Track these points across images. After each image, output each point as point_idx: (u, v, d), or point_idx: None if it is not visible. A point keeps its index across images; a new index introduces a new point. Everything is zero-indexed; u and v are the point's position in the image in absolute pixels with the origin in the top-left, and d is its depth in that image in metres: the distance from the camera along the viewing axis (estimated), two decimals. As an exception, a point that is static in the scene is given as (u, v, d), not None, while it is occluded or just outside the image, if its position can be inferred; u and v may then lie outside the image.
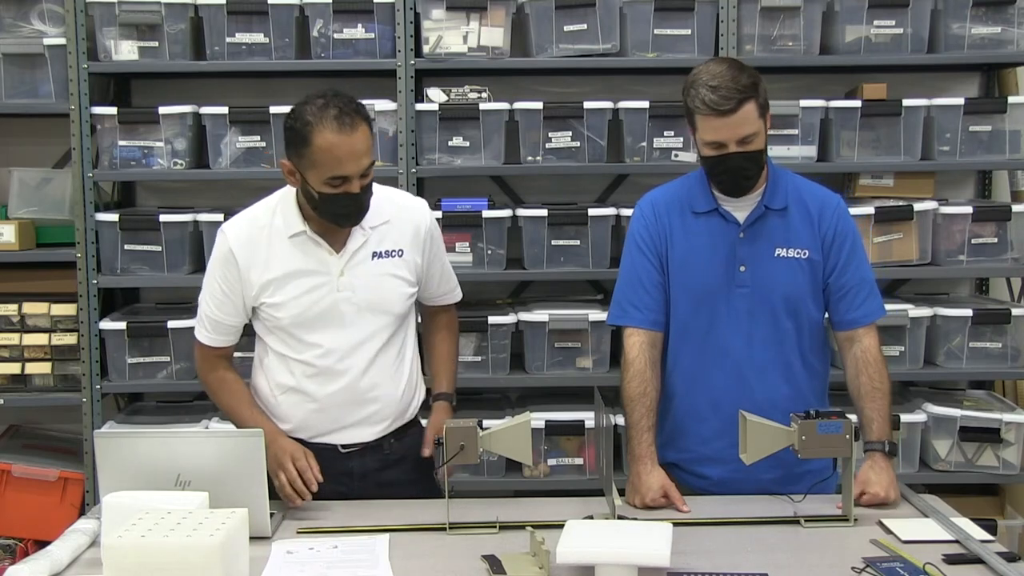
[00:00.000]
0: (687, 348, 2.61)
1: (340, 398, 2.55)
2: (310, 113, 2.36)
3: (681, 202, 2.62)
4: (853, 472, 2.36)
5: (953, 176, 4.16)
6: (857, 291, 2.58)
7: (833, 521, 2.36)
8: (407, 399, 2.64)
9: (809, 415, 2.33)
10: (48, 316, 3.86)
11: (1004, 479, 3.78)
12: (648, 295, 2.62)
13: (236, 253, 2.51)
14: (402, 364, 2.62)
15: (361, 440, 2.58)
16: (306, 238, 2.50)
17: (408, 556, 2.19)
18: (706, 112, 2.42)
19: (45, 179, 3.99)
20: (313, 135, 2.34)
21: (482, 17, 3.75)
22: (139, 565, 1.87)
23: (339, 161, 2.35)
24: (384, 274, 2.54)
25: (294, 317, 2.51)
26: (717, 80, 2.41)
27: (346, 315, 2.52)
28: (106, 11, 3.72)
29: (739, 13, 3.74)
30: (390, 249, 2.55)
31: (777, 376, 2.57)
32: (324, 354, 2.52)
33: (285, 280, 2.50)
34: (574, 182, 4.15)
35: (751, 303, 2.56)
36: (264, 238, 2.51)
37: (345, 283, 2.51)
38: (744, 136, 2.44)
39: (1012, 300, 4.17)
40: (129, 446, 2.27)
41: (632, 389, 2.58)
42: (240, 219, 2.57)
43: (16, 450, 3.97)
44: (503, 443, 2.38)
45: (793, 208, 2.58)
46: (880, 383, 2.55)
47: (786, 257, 2.56)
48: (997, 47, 3.80)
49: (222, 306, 2.55)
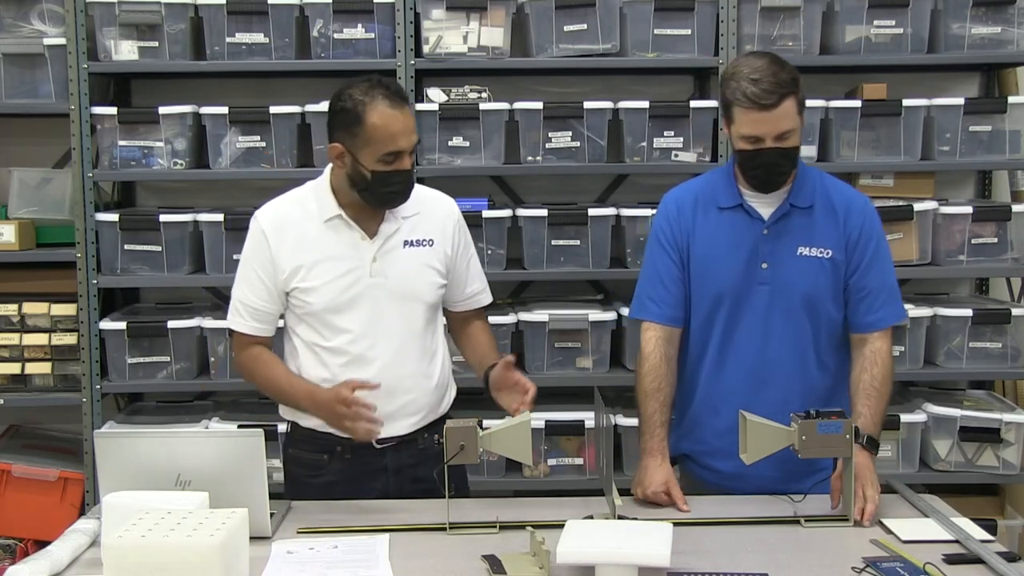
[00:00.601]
0: (707, 342, 2.62)
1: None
2: (360, 93, 2.43)
3: (706, 198, 2.63)
4: (852, 473, 2.36)
5: (953, 176, 4.16)
6: (877, 295, 2.57)
7: (833, 521, 2.36)
8: (440, 392, 2.65)
9: (809, 415, 2.33)
10: (48, 316, 3.86)
11: (1004, 479, 3.78)
12: (666, 290, 2.63)
13: (268, 236, 2.53)
14: (434, 356, 2.63)
15: (395, 434, 2.57)
16: (341, 222, 2.53)
17: (408, 556, 2.19)
18: (746, 105, 2.42)
19: (45, 179, 3.99)
20: (367, 113, 2.41)
21: (482, 17, 3.75)
22: (139, 565, 1.87)
23: (394, 136, 2.41)
24: (415, 262, 2.57)
25: (327, 302, 2.52)
26: (759, 74, 2.40)
27: (378, 301, 2.53)
28: (106, 11, 3.72)
29: (739, 13, 3.74)
30: (421, 238, 2.58)
31: (792, 375, 2.57)
32: (354, 340, 2.53)
33: (317, 264, 2.52)
34: (574, 182, 4.15)
35: (770, 300, 2.56)
36: (296, 222, 2.54)
37: (378, 269, 2.53)
38: (782, 132, 2.44)
39: (1012, 300, 4.17)
40: (129, 446, 2.27)
41: (647, 384, 2.60)
42: (272, 204, 2.60)
43: (16, 450, 3.97)
44: (503, 443, 2.38)
45: (819, 207, 2.57)
46: (880, 384, 2.54)
47: (809, 256, 2.55)
48: (997, 47, 3.80)
49: (257, 291, 2.56)
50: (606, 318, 3.76)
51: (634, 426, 3.66)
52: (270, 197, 2.65)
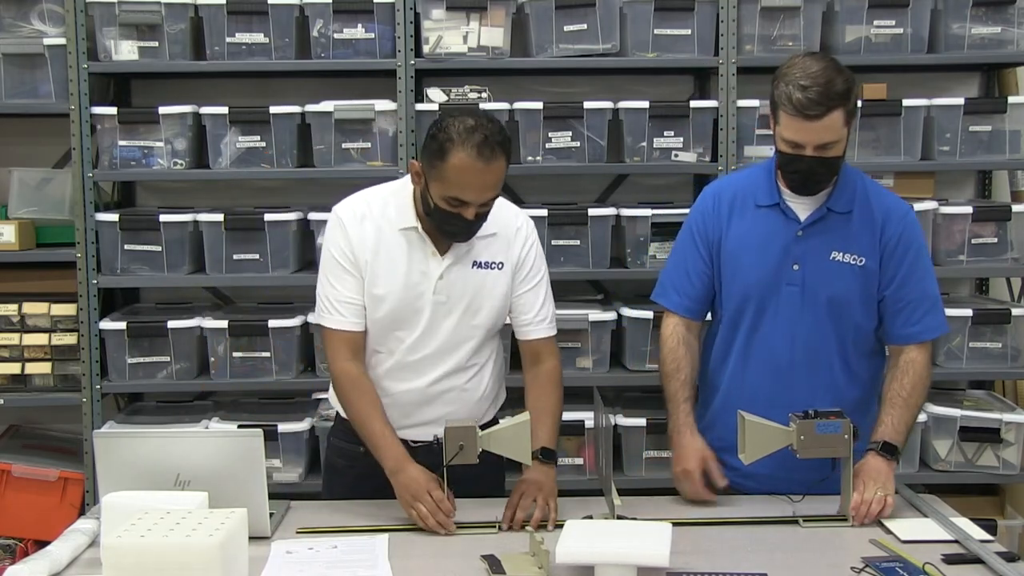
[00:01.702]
0: (733, 340, 2.61)
1: (414, 396, 2.55)
2: (456, 131, 2.35)
3: (744, 193, 2.60)
4: (851, 472, 2.36)
5: (953, 176, 4.16)
6: (917, 306, 2.53)
7: (831, 521, 2.36)
8: (484, 403, 2.64)
9: (808, 415, 2.32)
10: (48, 316, 3.86)
11: (1004, 479, 3.78)
12: (690, 283, 2.63)
13: (347, 227, 2.51)
14: (482, 370, 2.62)
15: (431, 437, 2.53)
16: (415, 234, 2.51)
17: (408, 556, 2.19)
18: (791, 112, 2.37)
19: (45, 179, 3.99)
20: (451, 153, 2.33)
21: (482, 17, 3.75)
22: (139, 565, 1.87)
23: (465, 187, 2.35)
24: (481, 285, 2.55)
25: (390, 311, 2.50)
26: (810, 80, 2.35)
27: (437, 318, 2.52)
28: (106, 11, 3.72)
29: (739, 13, 3.74)
30: (491, 261, 2.55)
31: (816, 379, 2.55)
32: (407, 351, 2.53)
33: (386, 270, 2.50)
34: (574, 182, 4.15)
35: (799, 302, 2.53)
36: (374, 222, 2.52)
37: (442, 286, 2.51)
38: (824, 143, 2.40)
39: (1012, 300, 4.17)
40: (129, 446, 2.27)
41: (666, 367, 2.62)
42: (353, 199, 2.58)
43: (16, 450, 3.97)
44: (502, 443, 2.38)
45: (857, 212, 2.53)
46: (908, 394, 2.50)
47: (841, 261, 2.52)
48: (997, 47, 3.80)
49: (343, 283, 2.52)
50: (606, 318, 3.75)
51: (634, 426, 3.70)
52: (270, 197, 2.64)
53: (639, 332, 3.74)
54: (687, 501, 2.54)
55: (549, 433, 2.57)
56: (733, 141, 3.76)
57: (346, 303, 2.52)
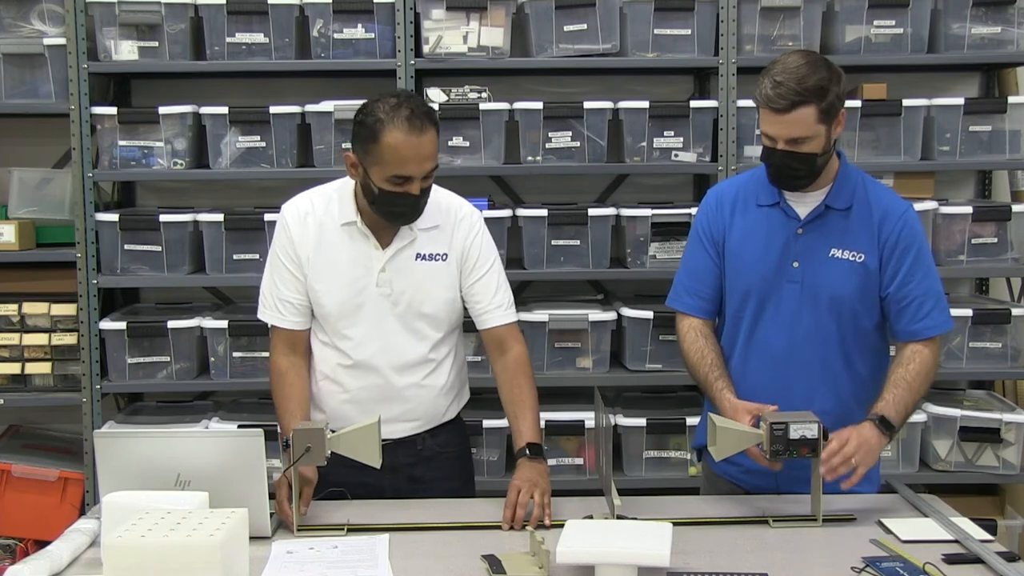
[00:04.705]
0: (736, 336, 2.62)
1: (372, 392, 2.57)
2: (382, 111, 2.37)
3: (746, 194, 2.63)
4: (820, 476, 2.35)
5: (953, 176, 4.16)
6: (921, 303, 2.53)
7: (800, 521, 2.35)
8: (442, 404, 2.65)
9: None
10: (48, 316, 3.86)
11: (1004, 479, 3.79)
12: (701, 285, 2.65)
13: (290, 226, 2.55)
14: (439, 366, 2.62)
15: (392, 436, 2.55)
16: (355, 229, 2.53)
17: (408, 556, 2.19)
18: (762, 104, 2.43)
19: (45, 179, 3.99)
20: (383, 133, 2.36)
21: (482, 17, 3.75)
22: (139, 565, 1.87)
23: (404, 161, 2.37)
24: (425, 277, 2.55)
25: (334, 306, 2.54)
26: (783, 76, 2.39)
27: (383, 312, 2.54)
28: (106, 11, 3.72)
29: (739, 13, 3.74)
30: (435, 252, 2.56)
31: (817, 377, 2.55)
32: (356, 347, 2.55)
33: (329, 266, 2.53)
34: (574, 182, 4.15)
35: (799, 300, 2.54)
36: (316, 220, 2.55)
37: (385, 279, 2.53)
38: (794, 138, 2.42)
39: (1012, 300, 4.17)
40: (129, 446, 2.27)
41: (691, 359, 2.62)
42: (297, 199, 2.60)
43: (16, 450, 3.98)
44: (351, 446, 2.36)
45: (856, 209, 2.54)
46: (912, 379, 2.48)
47: (841, 258, 2.53)
48: (997, 47, 3.80)
49: (285, 282, 2.57)
50: (606, 318, 3.76)
51: (634, 426, 3.70)
52: (270, 197, 2.65)
53: (639, 332, 3.75)
54: (687, 501, 2.53)
55: (531, 427, 2.56)
56: (733, 141, 3.76)
57: (286, 302, 2.58)
